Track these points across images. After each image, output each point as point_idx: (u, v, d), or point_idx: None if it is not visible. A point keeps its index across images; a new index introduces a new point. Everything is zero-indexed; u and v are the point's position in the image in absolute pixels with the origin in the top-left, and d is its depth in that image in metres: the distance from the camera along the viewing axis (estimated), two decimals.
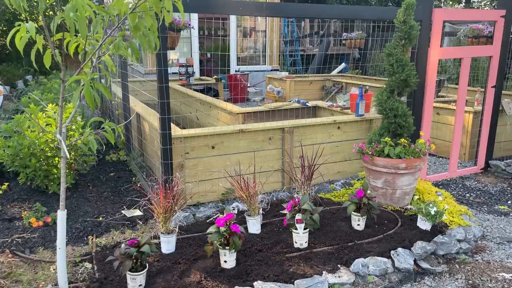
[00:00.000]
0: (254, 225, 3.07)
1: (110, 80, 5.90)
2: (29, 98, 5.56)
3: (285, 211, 2.98)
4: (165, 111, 3.20)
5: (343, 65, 10.64)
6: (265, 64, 11.19)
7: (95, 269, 2.60)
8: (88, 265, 2.66)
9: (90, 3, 1.86)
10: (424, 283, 2.58)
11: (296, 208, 2.89)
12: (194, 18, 9.42)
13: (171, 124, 3.34)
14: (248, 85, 9.66)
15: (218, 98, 7.23)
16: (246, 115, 4.77)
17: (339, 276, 2.48)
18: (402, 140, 3.42)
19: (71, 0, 1.80)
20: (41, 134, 3.67)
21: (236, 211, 3.42)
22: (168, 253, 2.79)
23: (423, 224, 3.07)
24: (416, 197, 3.47)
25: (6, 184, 3.86)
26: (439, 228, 3.07)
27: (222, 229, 2.56)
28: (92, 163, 4.31)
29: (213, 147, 3.62)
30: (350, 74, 9.97)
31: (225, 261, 2.57)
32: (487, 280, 2.61)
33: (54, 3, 1.93)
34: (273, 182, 3.96)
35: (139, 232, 3.14)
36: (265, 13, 3.77)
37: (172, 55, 9.32)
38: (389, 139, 3.45)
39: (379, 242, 2.87)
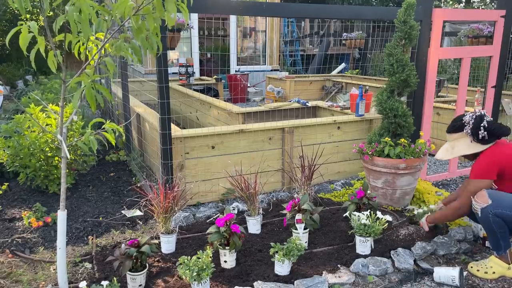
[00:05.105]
0: (254, 225, 3.07)
1: (111, 81, 5.90)
2: (29, 98, 5.55)
3: (285, 211, 2.98)
4: (165, 111, 3.20)
5: (343, 65, 10.64)
6: (265, 64, 11.19)
7: (95, 269, 2.60)
8: (88, 265, 2.66)
9: (93, 3, 1.86)
10: (424, 283, 2.59)
11: (296, 208, 2.89)
12: (194, 18, 9.41)
13: (171, 124, 3.34)
14: (248, 85, 9.66)
15: (218, 98, 7.23)
16: (246, 115, 4.77)
17: (339, 276, 2.48)
18: (402, 140, 3.42)
19: (72, 1, 1.80)
20: (41, 134, 3.67)
21: (236, 211, 3.42)
22: (168, 253, 2.79)
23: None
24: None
25: (6, 184, 3.86)
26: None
27: (222, 229, 2.56)
28: (92, 163, 4.31)
29: (213, 147, 3.62)
30: (350, 74, 9.97)
31: (225, 261, 2.57)
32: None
33: (55, 6, 1.93)
34: (273, 182, 3.96)
35: (139, 232, 3.14)
36: (265, 13, 3.77)
37: (172, 55, 9.32)
38: (389, 139, 3.45)
39: (379, 242, 2.88)
